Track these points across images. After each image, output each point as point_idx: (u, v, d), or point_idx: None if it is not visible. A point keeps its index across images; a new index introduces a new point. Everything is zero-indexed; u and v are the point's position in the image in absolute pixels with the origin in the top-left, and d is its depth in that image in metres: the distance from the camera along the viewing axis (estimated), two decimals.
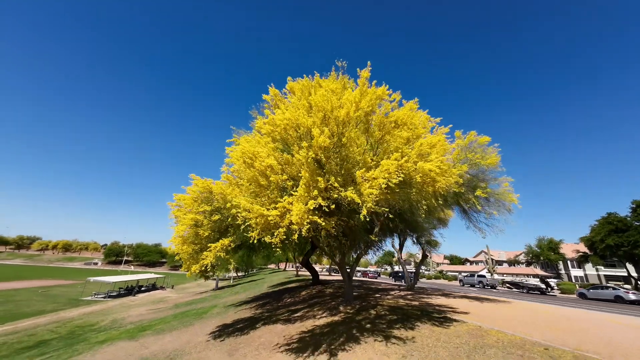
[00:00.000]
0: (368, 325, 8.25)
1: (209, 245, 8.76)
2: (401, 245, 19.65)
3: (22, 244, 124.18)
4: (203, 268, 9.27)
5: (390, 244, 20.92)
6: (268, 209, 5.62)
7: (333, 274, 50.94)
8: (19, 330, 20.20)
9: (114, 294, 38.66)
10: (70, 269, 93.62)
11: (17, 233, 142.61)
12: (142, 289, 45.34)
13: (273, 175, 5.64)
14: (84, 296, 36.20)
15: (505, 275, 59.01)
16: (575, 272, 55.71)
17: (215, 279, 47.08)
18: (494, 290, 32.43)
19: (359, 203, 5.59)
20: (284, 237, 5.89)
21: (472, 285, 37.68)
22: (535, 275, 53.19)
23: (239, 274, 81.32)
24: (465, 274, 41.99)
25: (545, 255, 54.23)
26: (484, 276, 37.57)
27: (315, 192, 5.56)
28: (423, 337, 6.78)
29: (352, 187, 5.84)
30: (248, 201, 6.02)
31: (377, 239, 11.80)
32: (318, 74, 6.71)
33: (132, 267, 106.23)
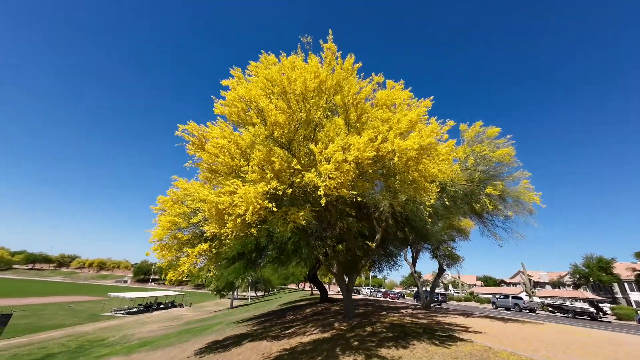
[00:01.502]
0: (355, 344, 7.02)
1: (186, 250, 8.21)
2: (414, 259, 17.87)
3: (63, 262, 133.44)
4: (181, 276, 8.70)
5: (404, 257, 19.14)
6: (220, 196, 4.97)
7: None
8: (33, 342, 20.59)
9: (133, 310, 39.14)
10: (102, 286, 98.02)
11: (59, 251, 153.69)
12: (161, 306, 45.66)
13: (223, 157, 5.05)
14: (104, 312, 36.96)
15: (548, 298, 52.24)
16: (637, 297, 47.85)
17: (230, 298, 46.46)
18: (532, 314, 28.39)
19: (319, 186, 4.77)
20: (240, 228, 5.15)
21: (507, 309, 33.44)
22: (584, 299, 46.48)
23: (258, 293, 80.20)
24: (499, 296, 37.60)
25: (596, 276, 47.46)
26: (520, 298, 33.30)
27: (270, 174, 4.84)
28: (413, 357, 5.48)
29: (315, 169, 5.05)
30: (208, 192, 5.43)
31: (374, 245, 10.56)
32: (285, 53, 6.20)
33: (152, 284, 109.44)
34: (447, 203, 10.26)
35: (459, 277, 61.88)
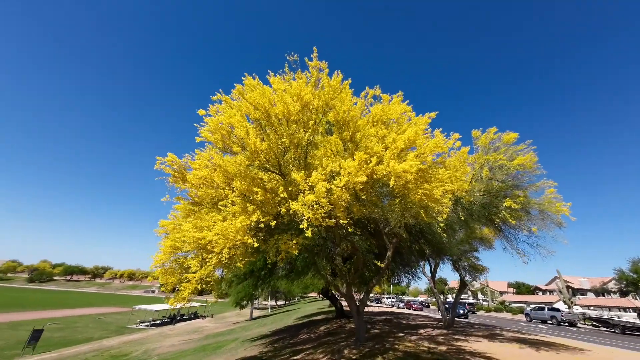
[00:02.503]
0: None
1: (187, 276, 8.04)
2: (433, 273, 16.75)
3: (97, 273, 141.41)
4: (183, 302, 8.53)
5: (422, 270, 18.04)
6: (202, 230, 4.69)
7: (370, 304, 46.55)
8: (63, 357, 21.48)
9: (157, 322, 40.21)
10: (131, 296, 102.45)
11: (93, 263, 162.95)
12: (184, 317, 46.64)
13: (205, 188, 4.79)
14: (130, 324, 38.24)
15: (591, 307, 47.53)
16: None
17: (250, 309, 46.53)
18: (572, 328, 25.76)
19: (304, 216, 4.34)
20: (225, 262, 4.84)
21: (544, 322, 30.64)
22: (634, 309, 41.78)
23: (279, 302, 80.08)
24: (534, 307, 34.68)
25: None
26: (557, 310, 30.40)
27: (251, 207, 4.50)
28: None
29: (301, 197, 4.65)
30: (189, 226, 5.19)
31: (384, 264, 9.87)
32: (272, 73, 5.91)
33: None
34: (462, 217, 9.41)
35: (487, 285, 58.14)
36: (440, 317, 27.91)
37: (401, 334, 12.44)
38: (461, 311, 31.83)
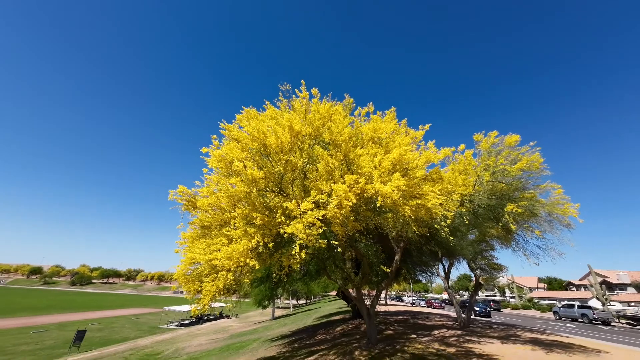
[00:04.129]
0: None
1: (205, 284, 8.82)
2: (447, 273, 16.73)
3: (130, 275, 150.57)
4: (204, 309, 9.35)
5: (437, 271, 18.02)
6: (211, 253, 5.35)
7: (390, 302, 46.35)
8: (103, 356, 23.51)
9: (186, 322, 42.55)
10: (161, 297, 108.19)
11: (126, 267, 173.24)
12: (210, 317, 48.89)
13: (212, 213, 5.43)
14: (162, 324, 40.75)
15: (631, 304, 44.43)
16: None
17: (272, 308, 47.92)
18: (605, 327, 24.44)
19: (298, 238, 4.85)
20: (231, 283, 5.48)
21: (574, 320, 29.23)
22: None
23: (300, 301, 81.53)
24: (563, 304, 33.15)
25: None
26: (589, 307, 28.86)
27: (252, 230, 5.06)
28: None
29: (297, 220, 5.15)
30: (200, 248, 5.88)
31: (392, 269, 10.19)
32: (268, 102, 6.47)
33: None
34: (467, 221, 9.54)
35: (513, 282, 55.86)
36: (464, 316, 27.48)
37: (413, 335, 12.67)
38: (484, 309, 31.11)
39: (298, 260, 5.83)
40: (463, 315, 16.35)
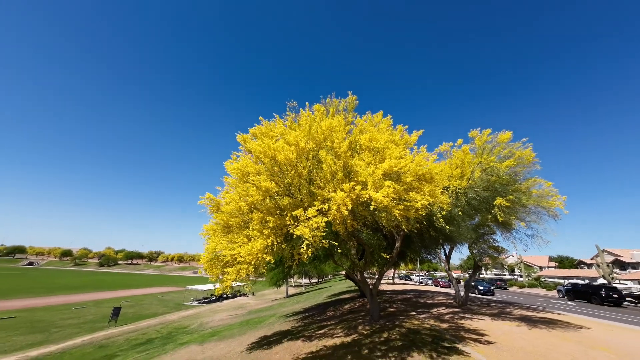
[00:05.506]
0: (365, 352, 8.19)
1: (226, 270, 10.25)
2: (448, 257, 17.80)
3: (152, 257, 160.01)
4: (226, 289, 10.86)
5: (438, 256, 19.12)
6: (234, 249, 6.55)
7: (399, 281, 48.30)
8: (138, 329, 26.46)
9: (207, 299, 46.13)
10: (182, 277, 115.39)
11: (148, 249, 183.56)
12: (229, 295, 52.61)
13: (234, 218, 6.56)
14: (185, 301, 44.40)
15: None
16: None
17: (286, 287, 50.96)
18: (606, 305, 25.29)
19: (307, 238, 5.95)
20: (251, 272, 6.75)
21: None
22: None
23: (312, 280, 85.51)
24: (567, 284, 33.99)
25: None
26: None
27: (267, 231, 6.18)
28: None
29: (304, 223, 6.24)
30: (224, 244, 7.12)
31: (392, 255, 11.32)
32: (277, 115, 7.37)
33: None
34: (460, 212, 10.41)
35: (521, 261, 56.63)
36: (473, 295, 28.79)
37: (413, 313, 14.03)
38: (488, 287, 32.38)
39: (305, 256, 7.00)
40: (462, 294, 17.56)
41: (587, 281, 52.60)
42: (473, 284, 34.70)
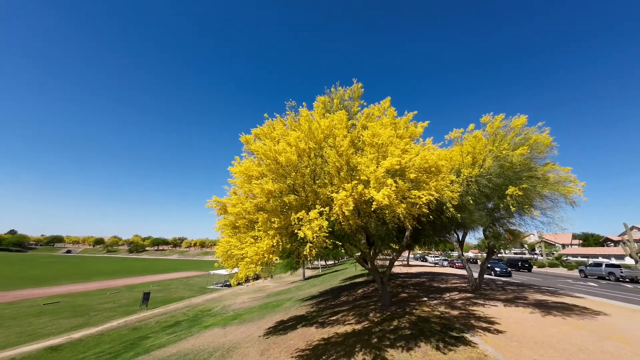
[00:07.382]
0: (374, 340, 8.47)
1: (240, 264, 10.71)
2: (461, 242, 17.61)
3: (176, 243, 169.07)
4: (241, 280, 11.42)
5: (451, 240, 18.95)
6: (242, 248, 6.81)
7: (414, 262, 48.53)
8: (168, 312, 28.52)
9: (229, 283, 48.66)
10: (204, 261, 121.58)
11: (172, 235, 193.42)
12: (250, 278, 55.15)
13: (240, 219, 6.75)
14: (209, 285, 47.07)
15: None
16: None
17: (303, 270, 52.67)
18: (630, 285, 24.41)
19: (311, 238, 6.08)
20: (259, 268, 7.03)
21: (601, 278, 29.29)
22: None
23: (329, 262, 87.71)
24: (590, 262, 32.94)
25: None
26: (617, 266, 28.60)
27: (272, 231, 6.34)
28: None
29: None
30: (234, 244, 7.41)
31: (401, 245, 11.37)
32: (278, 115, 7.33)
33: None
34: (471, 201, 10.18)
35: (541, 240, 55.08)
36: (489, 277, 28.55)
37: (425, 299, 14.21)
38: (503, 270, 31.91)
39: (309, 257, 7.15)
40: (475, 277, 17.50)
41: (613, 260, 50.72)
42: (489, 265, 34.32)
